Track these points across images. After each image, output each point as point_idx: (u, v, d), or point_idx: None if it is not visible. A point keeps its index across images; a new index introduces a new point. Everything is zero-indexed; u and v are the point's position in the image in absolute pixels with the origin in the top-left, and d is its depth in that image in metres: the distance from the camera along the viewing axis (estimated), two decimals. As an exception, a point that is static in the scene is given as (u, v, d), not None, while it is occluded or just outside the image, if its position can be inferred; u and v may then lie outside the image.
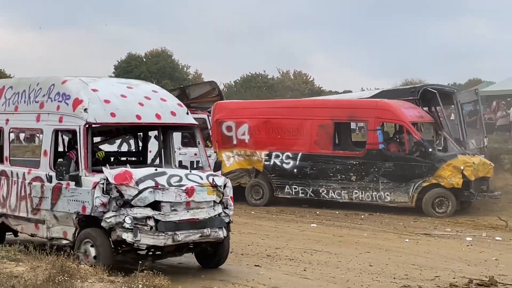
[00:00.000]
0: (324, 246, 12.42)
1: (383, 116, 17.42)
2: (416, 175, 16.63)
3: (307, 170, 17.99)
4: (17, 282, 6.76)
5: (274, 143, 18.44)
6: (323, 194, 17.83)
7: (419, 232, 14.39)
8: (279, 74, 69.36)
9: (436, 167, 16.45)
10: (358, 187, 17.30)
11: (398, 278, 9.82)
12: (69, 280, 6.66)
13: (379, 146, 17.18)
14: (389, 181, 16.92)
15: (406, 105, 18.35)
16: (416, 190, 16.56)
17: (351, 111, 18.27)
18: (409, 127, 16.94)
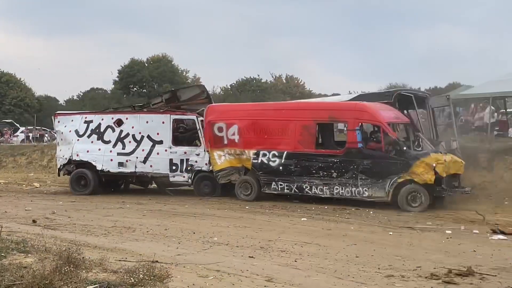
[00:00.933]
0: (314, 239, 12.42)
1: (361, 117, 17.67)
2: (392, 172, 16.87)
3: (292, 167, 18.30)
4: (26, 272, 6.75)
5: (261, 142, 18.81)
6: (306, 190, 18.14)
7: (402, 226, 14.42)
8: (272, 78, 69.52)
9: (410, 164, 16.69)
10: (339, 183, 17.59)
11: (383, 268, 9.82)
12: (75, 271, 6.66)
13: (357, 145, 17.44)
14: (367, 177, 17.20)
15: (383, 107, 18.69)
16: (391, 185, 16.84)
17: (332, 113, 18.61)
18: (385, 127, 17.18)
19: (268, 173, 18.62)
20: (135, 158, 20.80)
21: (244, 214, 16.17)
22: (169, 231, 13.15)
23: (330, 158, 17.84)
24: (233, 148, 19.32)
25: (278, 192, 18.71)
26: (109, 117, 21.84)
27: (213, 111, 20.16)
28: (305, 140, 18.23)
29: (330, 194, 17.79)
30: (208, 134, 19.77)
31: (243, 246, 11.62)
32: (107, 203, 18.15)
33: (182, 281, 7.93)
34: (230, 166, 19.41)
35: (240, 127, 19.17)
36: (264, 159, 18.70)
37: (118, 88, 70.87)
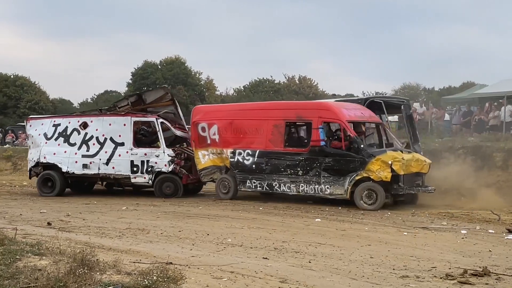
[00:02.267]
0: (328, 240, 12.39)
1: (324, 116, 18.04)
2: (351, 169, 17.21)
3: (263, 165, 18.77)
4: (41, 274, 6.77)
5: (238, 141, 19.49)
6: (275, 188, 18.61)
7: (417, 226, 14.35)
8: (285, 79, 69.41)
9: (366, 162, 16.95)
10: (304, 181, 18.02)
11: (397, 269, 9.78)
12: (89, 273, 6.67)
13: (320, 143, 17.75)
14: (330, 175, 17.59)
15: (349, 106, 19.28)
16: (350, 183, 17.19)
17: (299, 112, 19.08)
18: (345, 125, 17.54)
19: (243, 172, 19.14)
20: (98, 160, 21.36)
21: (257, 216, 16.15)
22: (183, 232, 13.15)
23: (297, 156, 18.24)
24: (214, 148, 19.92)
25: (252, 190, 19.40)
26: (75, 120, 22.43)
27: (198, 112, 20.91)
28: (275, 139, 18.67)
29: (296, 191, 18.23)
30: (193, 134, 20.45)
31: (257, 247, 11.60)
32: (121, 205, 18.18)
33: (196, 283, 7.92)
34: (212, 165, 20.07)
35: (219, 127, 19.78)
36: (240, 158, 19.22)
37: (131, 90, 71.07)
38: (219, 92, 72.35)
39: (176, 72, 68.79)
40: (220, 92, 72.69)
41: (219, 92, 72.49)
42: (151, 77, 68.44)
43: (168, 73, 68.86)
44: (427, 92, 59.06)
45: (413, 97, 45.44)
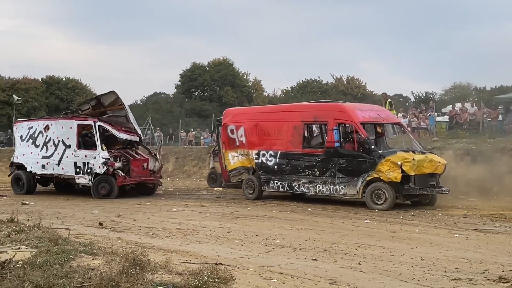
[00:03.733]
0: (377, 241, 12.30)
1: (339, 117, 18.21)
2: (363, 170, 17.26)
3: (284, 166, 18.99)
4: (94, 274, 6.89)
5: (262, 143, 19.84)
6: (295, 188, 18.93)
7: (468, 228, 14.13)
8: (333, 80, 69.09)
9: (377, 162, 16.98)
10: (320, 181, 18.19)
11: (449, 271, 9.65)
12: (141, 272, 6.76)
13: (335, 144, 17.89)
14: (344, 176, 17.67)
15: (364, 107, 19.62)
16: (362, 183, 17.27)
17: (316, 114, 19.23)
18: (358, 126, 17.61)
19: (267, 172, 19.48)
20: (52, 161, 22.39)
21: (306, 217, 16.14)
22: (232, 233, 13.22)
23: (314, 157, 18.41)
24: (242, 149, 20.32)
25: (275, 191, 19.66)
26: (42, 123, 23.58)
27: (228, 114, 21.54)
28: (295, 140, 18.94)
29: (314, 192, 18.48)
30: (224, 136, 21.05)
31: (306, 248, 11.59)
32: (170, 206, 18.39)
33: (245, 284, 7.95)
34: (241, 166, 20.58)
35: (246, 129, 20.22)
36: (264, 159, 19.58)
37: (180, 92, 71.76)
38: (266, 93, 72.51)
39: (224, 73, 69.16)
40: (267, 93, 72.85)
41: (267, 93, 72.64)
42: (199, 78, 68.96)
43: (216, 74, 69.28)
44: (478, 92, 57.98)
45: (464, 97, 44.73)
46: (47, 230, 9.75)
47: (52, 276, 7.10)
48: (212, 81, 69.18)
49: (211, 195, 22.27)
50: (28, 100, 63.34)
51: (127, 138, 22.45)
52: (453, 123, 30.75)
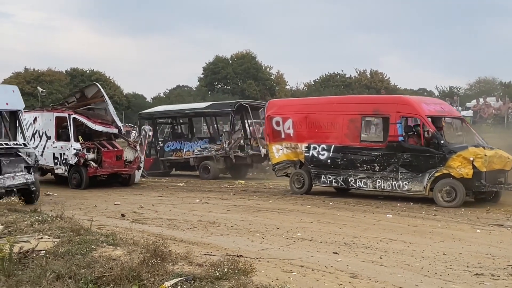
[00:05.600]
0: (399, 236, 12.23)
1: (402, 110, 17.55)
2: (430, 166, 16.65)
3: (338, 160, 18.42)
4: (115, 264, 6.93)
5: (312, 136, 19.17)
6: (351, 183, 18.28)
7: (492, 223, 13.99)
8: (356, 73, 68.75)
9: (447, 158, 16.38)
10: (381, 177, 17.54)
11: (471, 266, 9.57)
12: (161, 263, 6.79)
13: (398, 139, 17.28)
14: (407, 171, 17.05)
15: (428, 100, 19.16)
16: (429, 179, 16.61)
17: (376, 106, 18.66)
18: (425, 120, 17.02)
19: (318, 166, 18.85)
20: (37, 152, 22.25)
21: (327, 210, 16.10)
22: (253, 226, 13.24)
23: (373, 151, 17.86)
24: (288, 142, 19.68)
25: (327, 186, 19.08)
26: (32, 115, 24.21)
27: (272, 106, 20.78)
28: (351, 133, 18.33)
29: (372, 187, 17.91)
30: (267, 128, 20.34)
31: (327, 242, 11.57)
32: (192, 198, 18.45)
33: (266, 276, 7.96)
34: (286, 159, 19.87)
35: (294, 121, 19.54)
36: (315, 153, 18.92)
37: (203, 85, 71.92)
38: (289, 87, 72.41)
39: (247, 66, 69.14)
40: (290, 86, 72.74)
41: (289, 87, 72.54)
42: (222, 71, 69.04)
43: (239, 67, 69.31)
44: (504, 86, 57.30)
45: (489, 92, 44.27)
46: (69, 220, 9.83)
47: (74, 265, 7.17)
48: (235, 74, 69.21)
49: (233, 188, 22.29)
50: (52, 92, 63.90)
51: (103, 130, 22.81)
52: (477, 117, 30.49)
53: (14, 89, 16.98)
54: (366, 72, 69.34)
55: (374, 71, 68.84)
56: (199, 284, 6.05)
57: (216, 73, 69.91)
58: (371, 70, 69.18)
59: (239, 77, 69.16)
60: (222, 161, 26.10)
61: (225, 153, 25.76)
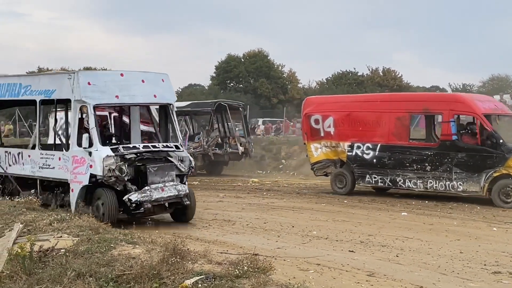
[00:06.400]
0: (415, 234, 12.23)
1: (456, 108, 16.99)
2: (488, 166, 16.14)
3: (385, 160, 17.92)
4: (135, 263, 6.99)
5: (355, 135, 18.55)
6: (400, 183, 17.71)
7: (508, 221, 13.95)
8: (368, 71, 68.51)
9: (507, 158, 15.91)
10: (433, 177, 17.01)
11: (489, 265, 9.57)
12: (181, 261, 6.83)
13: (452, 138, 16.77)
14: (462, 171, 16.53)
15: (481, 98, 18.36)
16: (487, 180, 16.10)
17: (426, 104, 18.13)
18: (481, 119, 16.42)
19: (362, 166, 18.33)
20: None
21: (342, 208, 16.10)
22: (268, 224, 13.28)
23: (424, 150, 17.32)
24: (329, 141, 19.13)
25: (372, 186, 18.59)
26: None
27: (310, 103, 20.13)
28: (399, 132, 17.82)
29: (423, 188, 17.30)
30: (305, 126, 19.81)
31: (343, 240, 11.60)
32: (207, 197, 18.47)
33: (283, 274, 8.00)
34: (326, 158, 19.36)
35: (335, 119, 18.97)
36: (359, 152, 18.41)
37: (215, 83, 71.90)
38: (301, 85, 72.19)
39: (259, 65, 69.01)
40: (302, 84, 72.52)
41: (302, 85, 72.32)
42: (234, 70, 68.99)
43: (251, 66, 69.19)
44: (518, 84, 56.96)
45: (503, 89, 44.02)
46: (87, 219, 9.89)
47: (94, 264, 7.23)
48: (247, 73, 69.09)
49: (247, 186, 22.31)
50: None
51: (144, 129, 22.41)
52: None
53: (164, 77, 13.92)
54: (378, 70, 69.04)
55: (386, 69, 68.52)
56: (219, 283, 6.09)
57: (228, 71, 69.81)
58: (383, 68, 68.89)
59: (251, 75, 69.01)
60: (200, 158, 26.34)
61: (203, 150, 26.16)
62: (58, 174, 12.76)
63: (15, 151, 14.35)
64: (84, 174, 12.08)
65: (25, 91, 13.66)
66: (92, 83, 12.28)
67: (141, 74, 13.72)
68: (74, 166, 12.27)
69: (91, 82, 12.28)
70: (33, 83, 13.58)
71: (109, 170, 11.76)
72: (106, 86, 12.54)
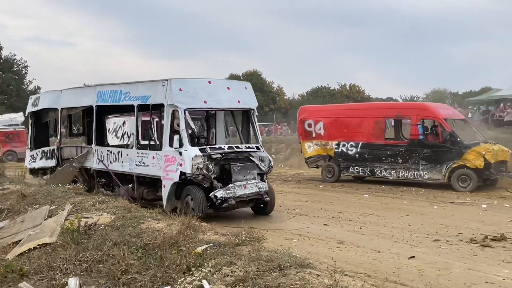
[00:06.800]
0: (374, 211, 12.23)
1: (422, 114, 17.11)
2: (448, 159, 16.17)
3: (366, 155, 17.87)
4: (158, 234, 6.96)
5: (341, 135, 18.57)
6: (377, 173, 17.63)
7: (445, 201, 13.97)
8: (338, 86, 68.46)
9: (463, 152, 15.97)
10: (404, 168, 16.99)
11: (431, 234, 9.58)
12: (194, 233, 6.80)
13: (419, 137, 16.83)
14: (427, 163, 16.55)
15: (441, 106, 18.56)
16: (447, 169, 16.14)
17: (399, 111, 18.18)
18: (442, 122, 16.49)
19: (346, 160, 18.29)
20: None
21: (318, 192, 16.08)
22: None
23: (397, 147, 17.34)
24: (319, 140, 19.13)
25: (354, 175, 18.55)
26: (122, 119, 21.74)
27: (304, 111, 20.17)
28: (377, 133, 17.80)
29: (396, 176, 17.25)
30: (300, 129, 19.82)
31: (319, 216, 11.58)
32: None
33: (273, 243, 7.98)
34: (317, 154, 19.28)
35: (325, 123, 19.02)
36: (344, 149, 18.38)
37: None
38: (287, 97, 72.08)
39: (255, 82, 68.60)
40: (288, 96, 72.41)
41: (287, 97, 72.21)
42: (235, 86, 68.87)
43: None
44: (453, 95, 56.98)
45: (441, 100, 44.05)
46: (122, 201, 9.84)
47: (127, 235, 7.20)
48: (245, 88, 69.05)
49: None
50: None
51: None
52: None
53: (246, 85, 12.50)
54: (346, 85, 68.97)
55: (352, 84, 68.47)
56: (223, 249, 6.07)
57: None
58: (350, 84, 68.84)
59: (248, 90, 68.97)
60: None
61: None
62: (152, 171, 11.47)
63: (115, 150, 12.97)
64: (175, 171, 10.79)
65: (125, 97, 12.36)
66: (183, 89, 11.00)
67: (226, 81, 12.66)
68: (166, 165, 11.01)
69: (182, 89, 10.99)
70: (132, 90, 12.16)
71: (197, 168, 10.49)
72: (196, 92, 11.15)
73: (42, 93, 17.80)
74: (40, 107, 15.52)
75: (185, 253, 6.13)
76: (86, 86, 14.03)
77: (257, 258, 5.58)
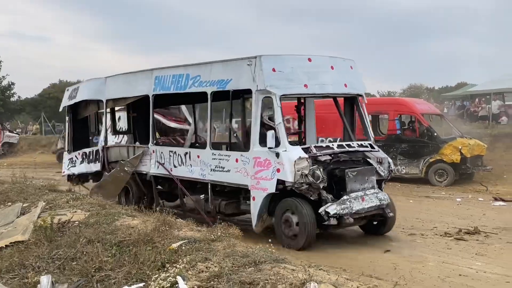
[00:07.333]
0: (351, 206, 12.26)
1: (399, 110, 17.20)
2: (425, 153, 16.35)
3: None
4: (133, 231, 6.89)
5: (321, 131, 18.35)
6: None
7: (421, 195, 14.13)
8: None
9: (440, 147, 16.13)
10: None
11: (406, 228, 9.69)
12: (169, 230, 6.75)
13: (397, 132, 16.95)
14: (405, 158, 16.68)
15: (418, 101, 18.63)
16: (425, 164, 16.29)
17: (377, 107, 18.01)
18: (420, 117, 16.64)
19: None
20: None
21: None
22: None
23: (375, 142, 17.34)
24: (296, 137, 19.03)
25: None
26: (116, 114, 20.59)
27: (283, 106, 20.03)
28: None
29: None
30: None
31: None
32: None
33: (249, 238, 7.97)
34: None
35: None
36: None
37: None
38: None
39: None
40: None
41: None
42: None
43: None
44: (429, 91, 57.63)
45: (418, 95, 44.49)
46: (96, 198, 9.73)
47: (101, 232, 7.11)
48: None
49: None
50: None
51: (177, 127, 21.06)
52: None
53: (352, 64, 9.73)
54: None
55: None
56: (198, 245, 6.03)
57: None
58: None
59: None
60: None
61: None
62: (235, 178, 8.79)
63: (181, 151, 10.18)
64: (270, 179, 8.14)
65: (194, 83, 9.52)
66: (278, 69, 8.36)
67: (330, 59, 9.33)
68: (256, 170, 8.35)
69: (276, 69, 8.35)
70: (203, 72, 9.34)
71: (302, 175, 7.88)
72: (294, 73, 8.54)
73: (82, 82, 15.13)
74: (78, 99, 12.90)
75: (160, 249, 6.08)
76: (139, 71, 11.29)
77: (232, 254, 5.56)
